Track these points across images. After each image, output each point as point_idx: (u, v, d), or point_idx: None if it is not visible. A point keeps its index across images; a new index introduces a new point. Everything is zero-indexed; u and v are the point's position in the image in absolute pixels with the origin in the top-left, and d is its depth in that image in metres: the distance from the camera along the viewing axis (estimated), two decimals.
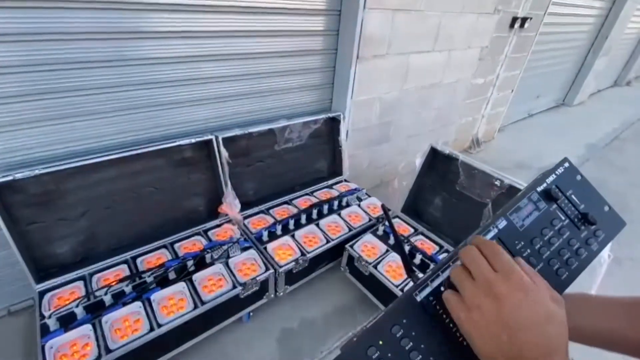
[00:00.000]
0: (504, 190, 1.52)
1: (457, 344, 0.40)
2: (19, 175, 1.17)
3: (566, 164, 0.49)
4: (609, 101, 5.91)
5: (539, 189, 0.48)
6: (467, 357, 0.39)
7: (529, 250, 0.45)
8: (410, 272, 0.53)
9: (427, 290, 0.41)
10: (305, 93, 2.02)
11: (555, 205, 0.47)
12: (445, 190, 1.78)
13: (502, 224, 0.45)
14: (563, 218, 0.47)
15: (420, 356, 0.38)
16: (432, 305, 0.40)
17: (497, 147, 3.71)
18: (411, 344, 0.38)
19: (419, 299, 0.40)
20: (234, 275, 1.42)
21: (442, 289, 0.41)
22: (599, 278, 1.03)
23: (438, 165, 1.79)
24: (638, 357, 0.47)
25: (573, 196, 0.48)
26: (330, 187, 2.12)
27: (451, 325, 0.40)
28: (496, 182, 1.53)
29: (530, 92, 4.36)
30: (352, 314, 1.65)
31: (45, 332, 1.12)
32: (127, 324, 1.21)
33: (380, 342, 0.37)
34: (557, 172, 0.49)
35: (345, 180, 2.20)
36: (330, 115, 2.04)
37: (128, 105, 1.42)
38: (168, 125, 1.57)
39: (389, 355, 0.37)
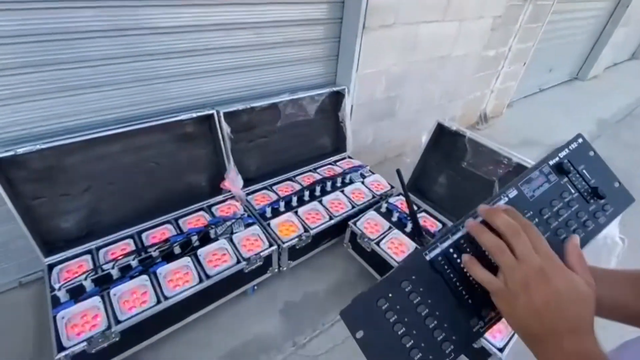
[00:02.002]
0: (511, 168, 1.49)
1: (462, 301, 0.42)
2: (20, 150, 1.16)
3: (580, 140, 0.50)
4: (625, 75, 5.68)
5: (551, 162, 0.49)
6: (471, 313, 0.42)
7: (537, 220, 0.47)
8: (420, 236, 0.55)
9: (437, 250, 0.43)
10: (309, 66, 1.96)
11: (566, 179, 0.49)
12: (450, 168, 1.75)
13: (512, 193, 0.47)
14: (573, 191, 0.49)
15: (427, 310, 0.41)
16: (441, 265, 0.43)
17: (505, 123, 3.62)
18: (419, 298, 0.41)
19: (428, 258, 0.43)
20: (238, 251, 1.43)
21: (450, 250, 0.43)
22: (612, 261, 1.02)
23: (444, 142, 1.75)
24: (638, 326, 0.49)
25: (584, 171, 0.50)
26: (333, 163, 2.10)
27: (457, 283, 0.43)
28: (504, 160, 1.50)
29: (542, 66, 4.19)
30: (354, 288, 1.69)
31: (56, 303, 1.16)
32: (135, 297, 1.24)
33: (390, 295, 0.40)
34: (570, 147, 0.50)
35: (349, 157, 2.17)
36: (335, 89, 1.98)
37: (129, 77, 1.38)
38: (169, 99, 1.53)
39: (398, 307, 0.40)
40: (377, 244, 1.55)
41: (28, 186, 1.25)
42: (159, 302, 1.21)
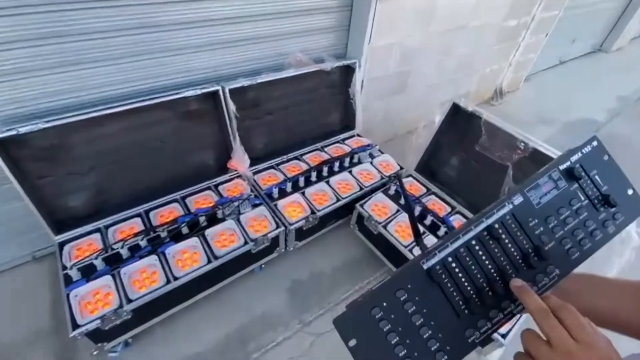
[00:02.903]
0: (527, 154, 1.43)
1: (459, 311, 0.41)
2: (22, 130, 1.13)
3: (594, 143, 0.48)
4: None
5: (562, 167, 0.46)
6: (466, 323, 0.41)
7: (541, 228, 0.45)
8: (417, 239, 0.54)
9: (435, 259, 0.42)
10: (318, 37, 1.84)
11: (576, 185, 0.47)
12: (463, 150, 1.69)
13: (517, 200, 0.45)
14: (582, 198, 0.46)
15: (422, 319, 0.40)
16: (438, 274, 0.41)
17: (522, 99, 3.47)
18: (414, 307, 0.40)
19: (425, 267, 0.42)
20: (245, 232, 1.44)
21: (449, 259, 0.42)
22: (625, 254, 1.00)
23: (459, 123, 1.68)
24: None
25: (596, 176, 0.47)
26: (342, 141, 2.04)
27: (454, 293, 0.42)
28: (520, 145, 1.44)
29: (565, 36, 3.93)
30: (360, 268, 1.71)
31: (69, 282, 1.18)
32: (145, 276, 1.26)
33: (385, 304, 0.40)
34: (583, 151, 0.47)
35: (358, 135, 2.11)
36: (345, 62, 1.87)
37: (132, 51, 1.32)
38: (174, 73, 1.47)
39: (392, 316, 0.39)
40: (384, 227, 1.54)
41: (33, 165, 1.24)
42: (168, 282, 1.23)
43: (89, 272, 1.22)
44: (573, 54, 4.54)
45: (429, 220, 1.57)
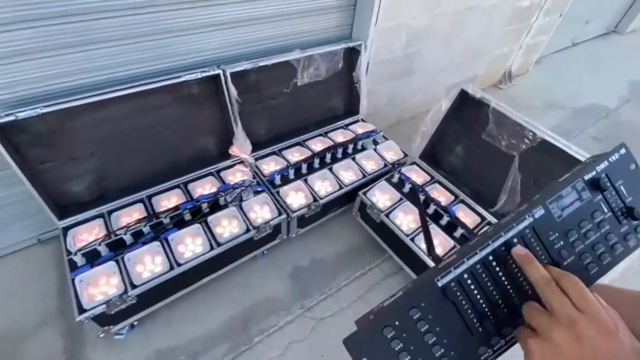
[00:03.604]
0: (534, 143, 1.40)
1: (473, 328, 0.40)
2: (21, 115, 1.11)
3: (622, 150, 0.45)
4: None
5: (587, 177, 0.44)
6: (480, 341, 0.40)
7: (561, 243, 0.43)
8: (431, 251, 0.52)
9: (450, 276, 0.40)
10: (323, 17, 1.77)
11: (600, 197, 0.44)
12: (469, 138, 1.66)
13: (539, 212, 0.43)
14: (606, 210, 0.44)
15: (435, 338, 0.39)
16: (453, 292, 0.40)
17: (531, 82, 3.38)
18: (427, 326, 0.39)
19: (440, 284, 0.40)
20: (247, 219, 1.44)
21: (465, 275, 0.41)
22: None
23: (466, 110, 1.64)
24: None
25: (622, 187, 0.45)
26: (345, 127, 2.01)
27: (469, 311, 0.40)
28: (528, 135, 1.40)
29: (579, 16, 3.76)
30: (361, 255, 1.72)
31: (74, 267, 1.20)
32: (148, 262, 1.27)
33: (397, 323, 0.38)
34: (610, 159, 0.45)
35: (362, 120, 2.07)
36: (351, 44, 1.81)
37: (132, 32, 1.28)
38: (174, 55, 1.43)
39: (404, 335, 0.38)
40: (387, 215, 1.53)
41: (34, 150, 1.23)
42: (171, 268, 1.24)
43: (93, 258, 1.23)
44: (586, 35, 4.37)
45: (432, 209, 1.56)
